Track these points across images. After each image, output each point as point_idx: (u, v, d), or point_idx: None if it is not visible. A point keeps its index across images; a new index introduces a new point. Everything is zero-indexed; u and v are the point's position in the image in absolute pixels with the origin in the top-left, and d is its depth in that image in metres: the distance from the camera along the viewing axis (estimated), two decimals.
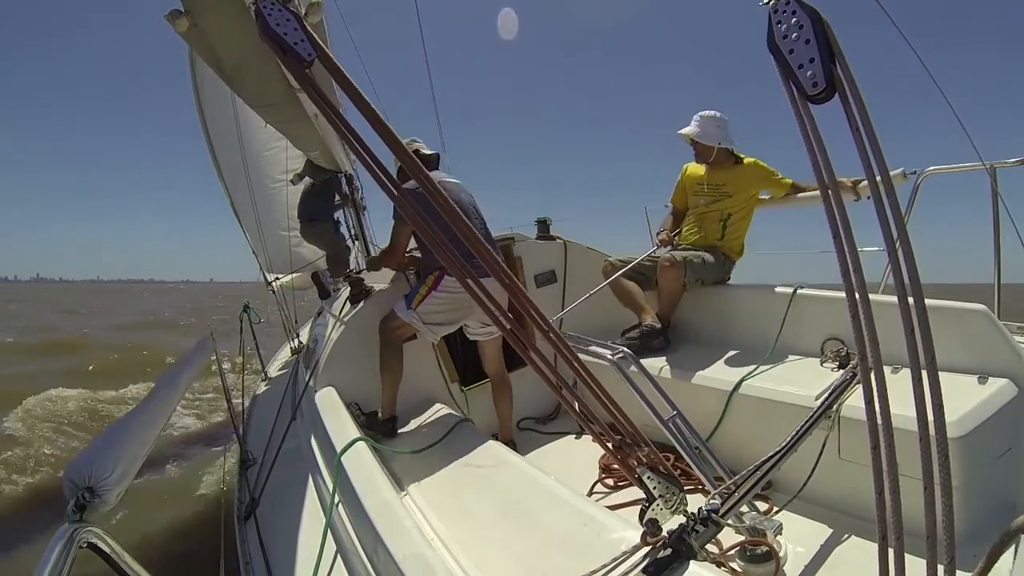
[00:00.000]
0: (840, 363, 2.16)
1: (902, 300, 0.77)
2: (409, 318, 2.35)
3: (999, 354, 1.82)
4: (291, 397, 2.89)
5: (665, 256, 2.78)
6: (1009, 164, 2.29)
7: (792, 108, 0.83)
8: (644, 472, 1.27)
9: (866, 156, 0.77)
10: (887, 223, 0.77)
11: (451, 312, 2.38)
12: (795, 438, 1.62)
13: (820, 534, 1.73)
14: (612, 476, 2.25)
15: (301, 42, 1.13)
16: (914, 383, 0.77)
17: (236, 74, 1.67)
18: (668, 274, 2.74)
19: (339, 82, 1.14)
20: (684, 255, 2.78)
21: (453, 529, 1.54)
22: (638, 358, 2.12)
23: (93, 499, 1.11)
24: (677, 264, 2.71)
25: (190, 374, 2.24)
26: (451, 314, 2.39)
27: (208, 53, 1.52)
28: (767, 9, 0.84)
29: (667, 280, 2.76)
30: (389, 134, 1.15)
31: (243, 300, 4.04)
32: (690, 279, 2.76)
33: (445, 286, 2.32)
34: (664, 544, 1.13)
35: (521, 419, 3.02)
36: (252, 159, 5.41)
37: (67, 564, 0.87)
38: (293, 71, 1.16)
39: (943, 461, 0.75)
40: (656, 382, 2.01)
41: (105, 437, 1.39)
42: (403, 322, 2.38)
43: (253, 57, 1.53)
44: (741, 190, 2.86)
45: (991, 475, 1.64)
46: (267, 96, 1.94)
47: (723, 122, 2.84)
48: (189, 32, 1.37)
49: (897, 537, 0.79)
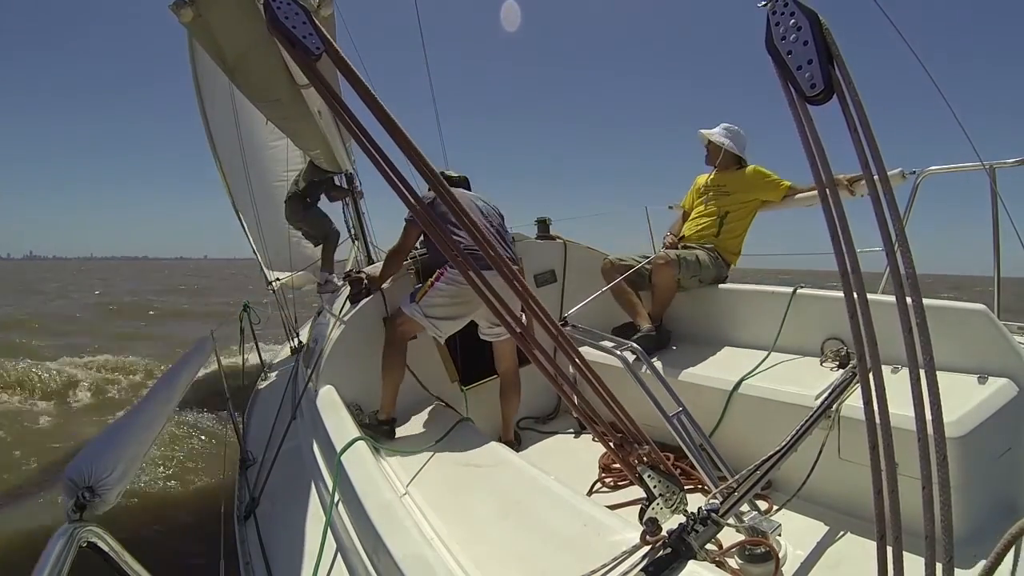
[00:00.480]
0: (840, 363, 2.17)
1: (901, 300, 0.77)
2: (412, 312, 2.35)
3: (999, 354, 1.82)
4: (291, 397, 2.90)
5: (660, 254, 2.81)
6: (1008, 164, 2.30)
7: (790, 109, 0.84)
8: (645, 471, 1.27)
9: (864, 157, 0.77)
10: (885, 224, 0.77)
11: (454, 306, 2.36)
12: (795, 438, 1.62)
13: (820, 533, 1.73)
14: (612, 476, 2.25)
15: (309, 36, 1.13)
16: (913, 383, 0.77)
17: (239, 67, 1.66)
18: (663, 272, 2.77)
19: (347, 77, 1.13)
20: (678, 253, 2.82)
21: (453, 529, 1.54)
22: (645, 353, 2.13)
23: (93, 498, 1.11)
24: (671, 262, 2.74)
25: (189, 374, 2.23)
26: (454, 308, 2.37)
27: (211, 45, 1.51)
28: (765, 10, 0.84)
29: (662, 277, 2.79)
30: (397, 130, 1.14)
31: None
32: (685, 276, 2.79)
33: (447, 277, 2.33)
34: (664, 544, 1.14)
35: (521, 418, 3.03)
36: (254, 156, 5.40)
37: (67, 564, 0.87)
38: (301, 64, 1.16)
39: (942, 461, 0.75)
40: (663, 378, 2.02)
41: (105, 436, 1.40)
42: (407, 318, 2.37)
43: (257, 50, 1.52)
44: (739, 191, 2.95)
45: (991, 475, 1.64)
46: (269, 91, 1.93)
47: (740, 134, 3.02)
48: (194, 23, 1.36)
49: (896, 537, 0.79)
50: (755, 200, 2.96)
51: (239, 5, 1.31)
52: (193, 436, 5.78)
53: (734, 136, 2.99)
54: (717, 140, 2.99)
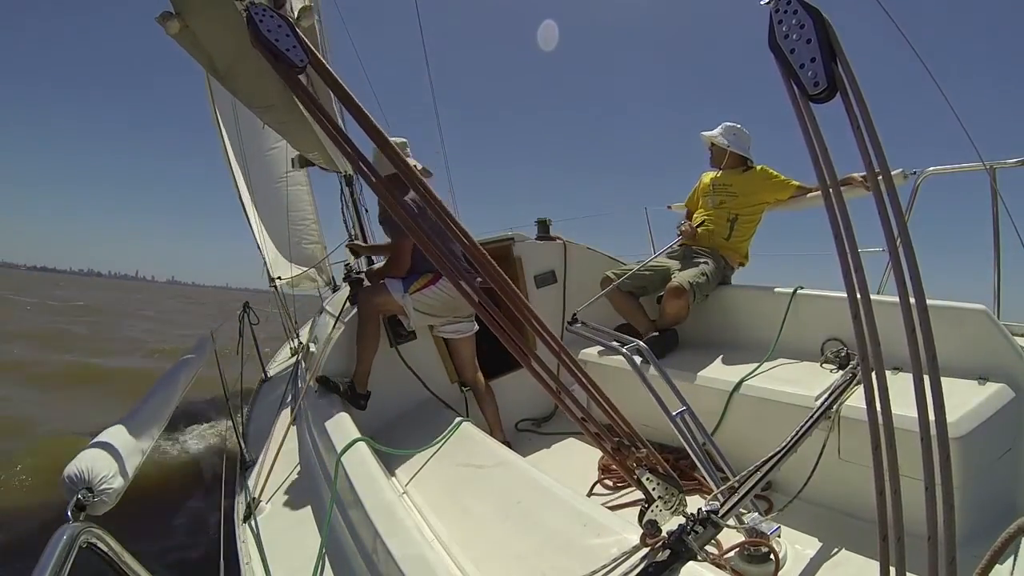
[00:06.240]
0: (840, 363, 2.16)
1: (903, 300, 0.76)
2: (403, 301, 2.42)
3: (999, 354, 1.82)
4: (291, 397, 2.89)
5: (674, 284, 2.68)
6: (1009, 164, 2.29)
7: (793, 108, 0.83)
8: (643, 473, 1.27)
9: (867, 155, 0.77)
10: (888, 223, 0.77)
11: (441, 308, 2.48)
12: (795, 438, 1.62)
13: (820, 534, 1.73)
14: (611, 477, 2.24)
15: (293, 48, 1.12)
16: (915, 383, 0.76)
17: (230, 75, 1.66)
18: (677, 304, 2.67)
19: (332, 88, 1.13)
20: (692, 279, 2.70)
21: (453, 529, 1.54)
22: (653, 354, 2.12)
23: (93, 498, 1.11)
24: (686, 293, 2.64)
25: (189, 374, 2.23)
26: (440, 309, 2.48)
27: (201, 55, 1.51)
28: (768, 8, 0.84)
29: (675, 308, 2.68)
30: (384, 141, 1.14)
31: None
32: (699, 299, 2.72)
33: (443, 284, 2.41)
34: (663, 545, 1.13)
35: (519, 420, 3.03)
36: (257, 153, 5.39)
37: (67, 563, 0.86)
38: (285, 77, 1.15)
39: (944, 461, 0.75)
40: (668, 378, 2.01)
41: (105, 437, 1.39)
42: (389, 300, 2.43)
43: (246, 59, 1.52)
44: (747, 193, 2.90)
45: (991, 475, 1.64)
46: (262, 98, 1.92)
47: (743, 133, 2.96)
48: (181, 34, 1.36)
49: (898, 537, 0.79)
50: (763, 203, 2.91)
51: (224, 18, 1.30)
52: (193, 436, 5.78)
53: (736, 136, 2.93)
54: (720, 142, 2.92)
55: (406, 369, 2.66)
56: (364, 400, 2.45)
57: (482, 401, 2.70)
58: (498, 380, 2.90)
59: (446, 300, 2.44)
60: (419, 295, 2.42)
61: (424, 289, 2.43)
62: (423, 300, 2.43)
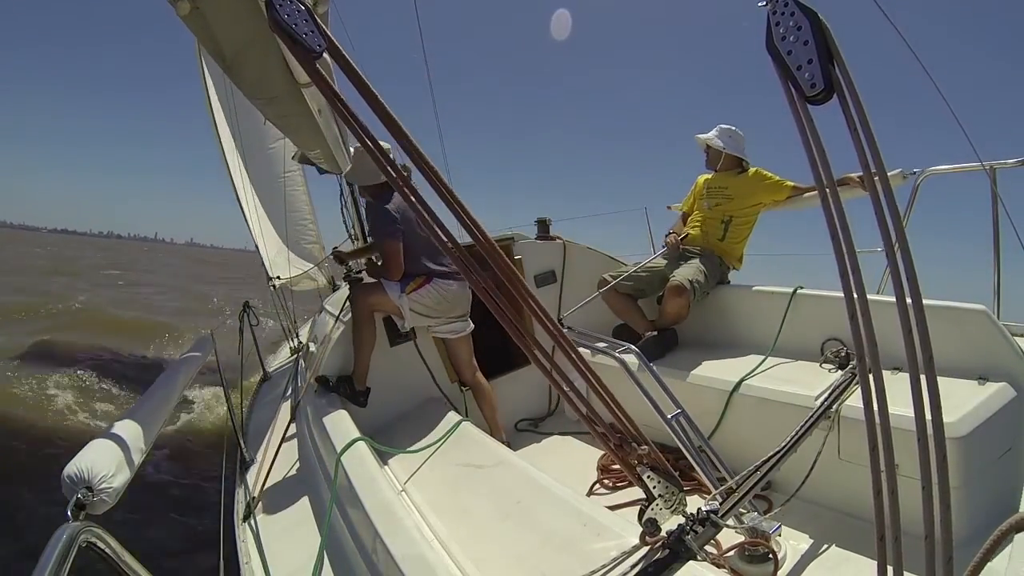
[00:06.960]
0: (840, 363, 2.16)
1: (900, 301, 0.77)
2: (400, 301, 2.44)
3: (999, 354, 1.82)
4: (291, 397, 2.89)
5: (674, 282, 2.71)
6: (1009, 165, 2.29)
7: (791, 109, 0.84)
8: (644, 471, 1.27)
9: (864, 157, 0.77)
10: (886, 224, 0.77)
11: (435, 307, 2.50)
12: (795, 438, 1.62)
13: (819, 534, 1.73)
14: (611, 476, 2.25)
15: (311, 33, 1.13)
16: (912, 383, 0.77)
17: (236, 63, 1.65)
18: (678, 302, 2.69)
19: (349, 76, 1.12)
20: (692, 277, 2.72)
21: (453, 529, 1.54)
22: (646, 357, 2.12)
23: (93, 498, 1.11)
24: (686, 292, 2.66)
25: (189, 373, 2.23)
26: (434, 309, 2.51)
27: (209, 39, 1.50)
28: (765, 10, 0.84)
29: (676, 307, 2.71)
30: (399, 131, 1.14)
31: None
32: (699, 298, 2.75)
33: (437, 284, 2.46)
34: (663, 544, 1.13)
35: (518, 420, 3.03)
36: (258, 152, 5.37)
37: (66, 563, 0.87)
38: (303, 62, 1.16)
39: (941, 461, 0.75)
40: (661, 380, 2.01)
41: (104, 436, 1.39)
42: (385, 300, 2.44)
43: (256, 46, 1.51)
44: (743, 195, 2.92)
45: (991, 475, 1.64)
46: (268, 89, 1.92)
47: (737, 135, 2.97)
48: (191, 16, 1.36)
49: (896, 537, 0.79)
50: (759, 204, 2.93)
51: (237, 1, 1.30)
52: (192, 436, 5.77)
53: (731, 137, 2.95)
54: (715, 144, 2.93)
55: (406, 369, 2.67)
56: (364, 397, 2.46)
57: (482, 401, 2.70)
58: (497, 380, 2.90)
59: (440, 299, 2.47)
60: (415, 295, 2.44)
61: (419, 289, 2.45)
62: (419, 300, 2.45)
